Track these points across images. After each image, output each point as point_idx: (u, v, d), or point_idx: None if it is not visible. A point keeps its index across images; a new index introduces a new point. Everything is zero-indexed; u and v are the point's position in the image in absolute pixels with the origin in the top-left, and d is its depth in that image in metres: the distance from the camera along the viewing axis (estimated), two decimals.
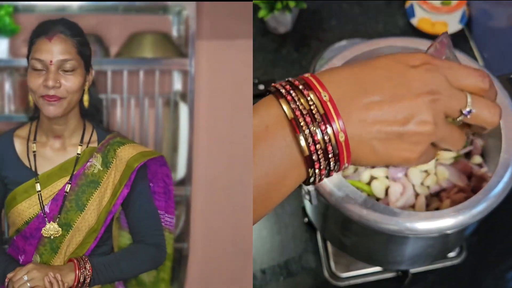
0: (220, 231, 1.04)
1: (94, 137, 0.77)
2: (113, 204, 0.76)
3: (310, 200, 0.76)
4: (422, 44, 0.83)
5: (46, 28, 0.72)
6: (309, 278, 0.99)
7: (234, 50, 0.98)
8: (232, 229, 1.04)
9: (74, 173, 0.75)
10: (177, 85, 0.97)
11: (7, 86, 0.93)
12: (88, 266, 0.72)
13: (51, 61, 0.71)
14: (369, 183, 0.79)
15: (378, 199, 0.77)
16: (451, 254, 0.98)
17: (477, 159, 0.82)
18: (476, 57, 1.24)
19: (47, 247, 0.74)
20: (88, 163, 0.75)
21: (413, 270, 0.96)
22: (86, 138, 0.77)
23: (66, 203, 0.74)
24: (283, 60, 1.29)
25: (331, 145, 0.44)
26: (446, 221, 0.68)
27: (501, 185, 0.70)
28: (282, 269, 1.01)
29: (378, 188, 0.77)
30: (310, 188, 0.73)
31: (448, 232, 0.69)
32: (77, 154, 0.76)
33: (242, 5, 0.96)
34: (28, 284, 0.69)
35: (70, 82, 0.72)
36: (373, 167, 0.79)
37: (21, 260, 0.75)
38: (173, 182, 0.82)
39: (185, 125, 0.96)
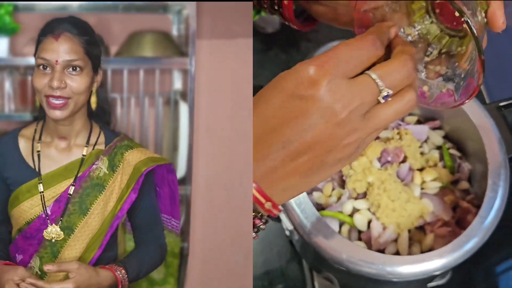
0: (220, 231, 1.04)
1: (101, 138, 0.75)
2: (119, 209, 0.73)
3: (291, 237, 0.76)
4: None
5: (53, 27, 0.70)
6: None
7: (234, 49, 0.98)
8: (232, 229, 1.04)
9: (79, 175, 0.72)
10: (177, 84, 0.97)
11: (7, 85, 0.92)
12: (123, 272, 0.70)
13: (56, 61, 0.69)
14: (351, 215, 0.77)
15: (360, 232, 0.76)
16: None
17: (464, 184, 0.81)
18: None
19: (47, 251, 0.72)
20: (94, 166, 0.73)
21: None
22: (92, 140, 0.74)
23: (69, 206, 0.72)
24: (270, 62, 1.23)
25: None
26: (431, 264, 0.67)
27: (486, 223, 0.69)
28: None
29: (360, 221, 0.76)
30: (289, 227, 0.72)
31: (434, 274, 0.68)
32: (83, 155, 0.73)
33: (242, 4, 0.96)
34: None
35: (77, 83, 0.69)
36: (356, 198, 0.77)
37: (18, 259, 0.73)
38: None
39: (185, 124, 0.96)
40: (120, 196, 0.74)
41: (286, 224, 0.72)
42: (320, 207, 0.79)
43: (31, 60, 0.88)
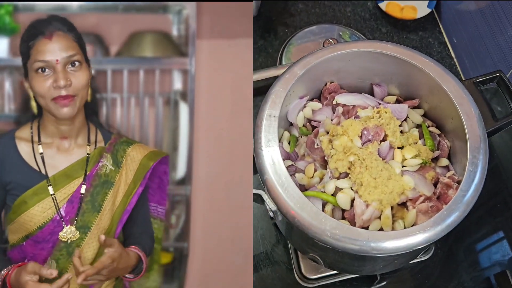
0: (220, 231, 1.04)
1: (100, 137, 0.76)
2: (128, 203, 0.75)
3: (274, 217, 0.76)
4: (382, 47, 0.80)
5: (41, 28, 0.69)
6: (278, 279, 0.96)
7: (234, 49, 0.98)
8: (232, 229, 1.04)
9: (87, 173, 0.72)
10: (177, 84, 0.97)
11: (7, 85, 0.92)
12: (141, 250, 0.74)
13: (57, 60, 0.68)
14: (334, 194, 0.77)
15: (344, 211, 0.76)
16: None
17: (444, 161, 0.81)
18: (445, 41, 1.22)
19: (63, 252, 0.71)
20: (100, 163, 0.73)
21: None
22: (92, 138, 0.75)
23: (83, 205, 0.72)
24: None
25: None
26: (415, 238, 0.67)
27: (467, 197, 0.69)
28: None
29: (343, 200, 0.75)
30: (273, 208, 0.72)
31: (418, 248, 0.68)
32: (87, 154, 0.73)
33: (242, 4, 0.96)
34: None
35: (79, 78, 0.69)
36: (338, 178, 0.78)
37: None
38: (169, 179, 0.83)
39: (185, 124, 0.96)
40: (128, 190, 0.75)
41: (270, 205, 0.72)
42: (302, 188, 0.79)
43: None
